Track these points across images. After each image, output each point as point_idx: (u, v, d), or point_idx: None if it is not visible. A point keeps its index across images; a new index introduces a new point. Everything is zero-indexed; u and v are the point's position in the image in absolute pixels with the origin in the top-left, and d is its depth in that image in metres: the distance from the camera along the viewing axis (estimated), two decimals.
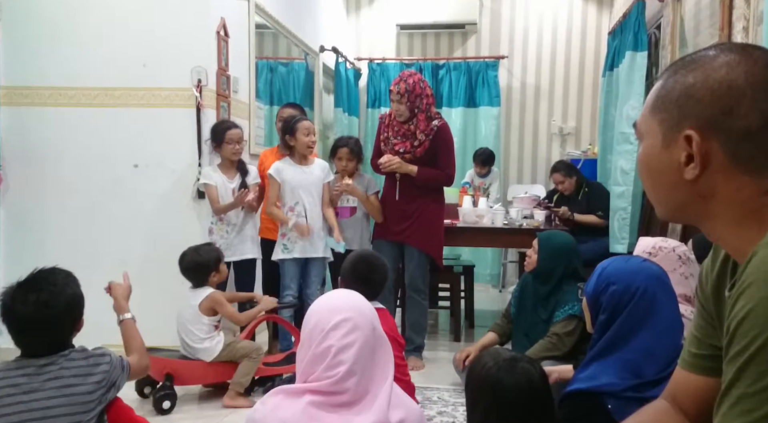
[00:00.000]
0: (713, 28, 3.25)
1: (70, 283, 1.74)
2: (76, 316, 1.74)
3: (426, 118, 3.48)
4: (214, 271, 3.04)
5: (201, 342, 2.94)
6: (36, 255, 3.49)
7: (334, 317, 1.36)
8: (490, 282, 6.08)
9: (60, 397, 1.61)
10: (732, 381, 0.75)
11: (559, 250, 2.90)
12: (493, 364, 1.49)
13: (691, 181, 0.85)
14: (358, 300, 1.45)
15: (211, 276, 3.03)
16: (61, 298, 1.67)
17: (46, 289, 1.66)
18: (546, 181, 6.01)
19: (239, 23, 3.89)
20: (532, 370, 1.49)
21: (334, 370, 1.32)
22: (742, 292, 0.76)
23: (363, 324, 1.37)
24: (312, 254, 3.46)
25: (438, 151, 3.50)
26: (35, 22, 3.56)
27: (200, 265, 3.01)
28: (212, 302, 2.98)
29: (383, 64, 6.40)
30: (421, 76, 3.54)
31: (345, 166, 3.63)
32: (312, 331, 1.37)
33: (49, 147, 3.59)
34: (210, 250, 3.08)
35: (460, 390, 3.15)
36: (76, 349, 1.72)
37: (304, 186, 3.43)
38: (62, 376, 1.63)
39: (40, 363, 1.64)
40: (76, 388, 1.63)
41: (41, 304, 1.63)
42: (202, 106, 3.46)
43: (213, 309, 2.99)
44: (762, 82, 0.81)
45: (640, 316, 1.78)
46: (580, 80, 6.32)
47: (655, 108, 0.90)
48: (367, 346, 1.36)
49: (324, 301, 1.44)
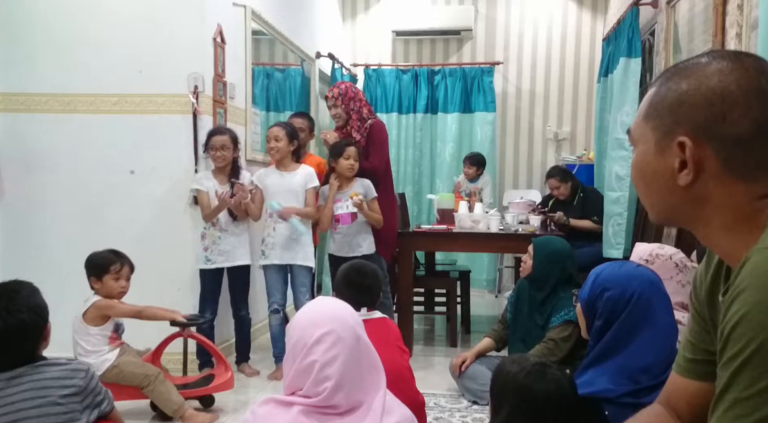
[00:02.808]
0: (707, 35, 3.27)
1: (33, 291, 1.71)
2: (41, 324, 1.70)
3: (359, 119, 3.76)
4: (93, 278, 2.72)
5: (87, 355, 2.66)
6: (32, 261, 3.50)
7: (316, 331, 1.34)
8: (486, 287, 6.08)
9: (30, 408, 1.57)
10: (726, 385, 0.75)
11: (555, 256, 2.91)
12: (520, 369, 1.50)
13: (685, 187, 0.86)
14: (340, 309, 1.43)
15: (92, 282, 2.73)
16: (23, 305, 1.64)
17: (6, 296, 1.64)
18: (541, 187, 6.02)
19: (235, 29, 3.90)
20: (562, 378, 1.50)
21: (321, 386, 1.31)
22: (735, 296, 0.76)
23: (346, 335, 1.35)
24: (290, 261, 3.46)
25: (371, 146, 3.72)
26: (31, 29, 3.56)
27: (86, 267, 2.74)
28: (98, 310, 2.70)
29: (379, 70, 6.41)
30: (353, 84, 3.82)
31: (352, 165, 3.57)
32: (295, 347, 1.36)
33: (46, 153, 3.58)
34: (100, 255, 2.76)
35: (456, 396, 3.15)
36: (46, 361, 1.68)
37: (281, 192, 3.46)
38: (31, 389, 1.60)
39: (7, 376, 1.61)
40: (46, 400, 1.59)
41: (1, 311, 1.61)
42: (198, 113, 3.46)
43: (103, 317, 2.71)
44: (754, 89, 0.82)
45: (635, 322, 1.78)
46: (575, 86, 6.35)
47: (648, 114, 0.91)
48: (352, 357, 1.34)
49: (305, 314, 1.42)
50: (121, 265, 2.76)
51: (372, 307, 2.24)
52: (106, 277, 2.72)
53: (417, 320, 4.59)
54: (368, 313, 2.21)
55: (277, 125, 3.58)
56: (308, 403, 1.30)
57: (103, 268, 2.72)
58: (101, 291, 2.73)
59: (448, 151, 6.25)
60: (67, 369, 1.67)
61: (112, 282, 2.73)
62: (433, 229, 4.17)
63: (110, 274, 2.73)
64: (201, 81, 3.47)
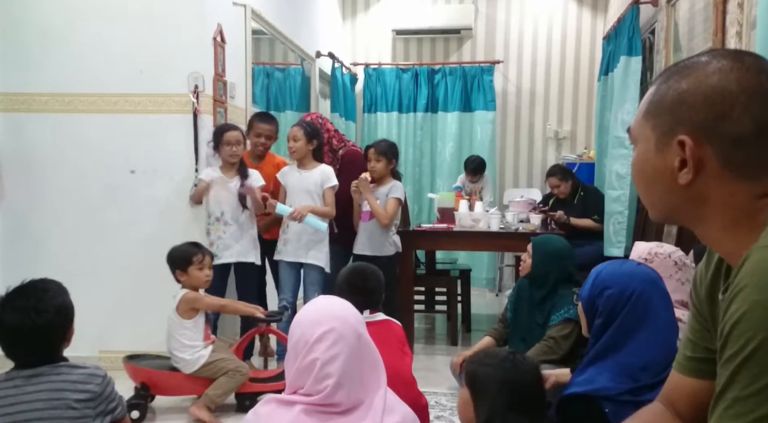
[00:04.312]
0: (707, 33, 3.27)
1: (61, 292, 1.72)
2: (66, 325, 1.70)
3: (330, 150, 3.82)
4: (179, 270, 2.88)
5: (183, 350, 2.84)
6: (33, 262, 3.50)
7: (317, 329, 1.35)
8: (486, 286, 6.09)
9: (44, 409, 1.58)
10: (726, 384, 0.76)
11: (554, 255, 2.91)
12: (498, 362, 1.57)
13: (685, 186, 0.86)
14: (342, 308, 1.44)
15: (178, 275, 2.89)
16: (51, 305, 1.65)
17: (35, 296, 1.65)
18: (542, 185, 6.02)
19: (236, 29, 3.90)
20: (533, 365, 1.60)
21: (322, 384, 1.31)
22: (735, 295, 0.76)
23: (347, 333, 1.36)
24: (301, 259, 3.48)
25: (340, 175, 3.65)
26: (32, 29, 3.56)
27: (168, 263, 2.89)
28: (187, 302, 2.85)
29: (379, 68, 6.42)
30: (319, 114, 3.85)
31: (373, 166, 3.67)
32: (297, 344, 1.37)
33: (46, 153, 3.59)
34: (182, 248, 2.91)
35: (457, 394, 3.15)
36: (67, 364, 1.68)
37: (297, 191, 3.49)
38: (48, 390, 1.60)
39: (27, 374, 1.62)
40: (61, 402, 1.59)
41: (30, 310, 1.61)
42: (198, 112, 3.47)
43: (193, 309, 2.87)
44: (754, 88, 0.82)
45: (636, 320, 1.79)
46: (576, 84, 6.35)
47: (648, 113, 0.91)
48: (353, 355, 1.35)
49: (307, 313, 1.43)
50: (203, 255, 2.92)
51: (375, 310, 2.24)
52: (191, 268, 2.88)
53: (417, 319, 4.59)
54: (371, 315, 2.20)
55: (296, 125, 3.57)
56: (309, 402, 1.31)
57: (187, 260, 2.88)
58: (187, 283, 2.89)
59: (448, 150, 6.26)
60: (85, 373, 1.67)
61: (197, 272, 2.89)
62: (434, 228, 4.17)
63: (194, 265, 2.88)
64: (201, 80, 3.47)
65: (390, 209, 3.65)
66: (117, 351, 3.46)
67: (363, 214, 3.70)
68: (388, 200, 3.66)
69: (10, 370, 1.66)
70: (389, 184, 3.72)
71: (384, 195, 3.68)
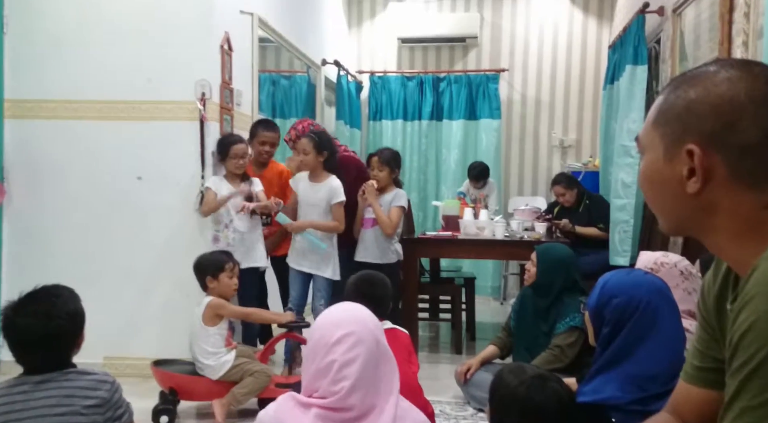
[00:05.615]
0: (713, 43, 3.27)
1: (73, 298, 1.72)
2: (77, 331, 1.71)
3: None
4: (210, 277, 2.94)
5: (207, 357, 2.87)
6: (40, 268, 3.51)
7: (337, 332, 1.36)
8: (491, 294, 6.07)
9: (53, 416, 1.57)
10: (735, 394, 0.75)
11: (558, 263, 2.91)
12: (519, 382, 1.51)
13: (693, 195, 0.86)
14: (363, 313, 1.45)
15: (208, 281, 2.94)
16: (63, 311, 1.65)
17: (48, 302, 1.65)
18: (547, 194, 6.02)
19: (243, 37, 3.92)
20: (561, 390, 1.53)
21: (338, 385, 1.32)
22: (744, 305, 0.76)
23: (366, 338, 1.37)
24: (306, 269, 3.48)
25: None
26: (41, 36, 3.59)
27: (196, 270, 2.95)
28: (212, 309, 2.89)
29: (385, 76, 6.44)
30: (312, 121, 3.83)
31: (376, 175, 3.71)
32: (316, 346, 1.38)
33: (53, 160, 3.60)
34: (213, 256, 2.99)
35: (461, 403, 3.14)
36: (76, 370, 1.68)
37: (303, 205, 3.49)
38: (57, 396, 1.59)
39: (36, 380, 1.61)
40: (69, 408, 1.59)
41: (42, 315, 1.61)
42: (205, 119, 3.48)
43: (217, 316, 2.91)
44: (762, 97, 0.82)
45: (643, 329, 1.78)
46: (581, 93, 6.36)
47: (656, 122, 0.91)
48: (370, 360, 1.36)
49: (328, 315, 1.45)
50: (233, 264, 2.99)
51: (383, 317, 2.24)
52: (222, 275, 2.93)
53: (422, 327, 4.58)
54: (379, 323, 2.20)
55: (305, 137, 3.49)
56: (324, 405, 1.32)
57: (220, 267, 2.93)
58: (216, 290, 2.93)
59: (453, 158, 6.27)
60: (94, 379, 1.66)
61: (227, 279, 2.94)
62: (438, 236, 4.17)
63: (226, 272, 2.94)
64: (208, 88, 3.49)
65: (394, 218, 3.66)
66: (122, 357, 3.47)
67: (364, 221, 3.71)
68: (392, 209, 3.67)
69: (19, 375, 1.66)
70: (392, 192, 3.73)
71: (387, 203, 3.69)
